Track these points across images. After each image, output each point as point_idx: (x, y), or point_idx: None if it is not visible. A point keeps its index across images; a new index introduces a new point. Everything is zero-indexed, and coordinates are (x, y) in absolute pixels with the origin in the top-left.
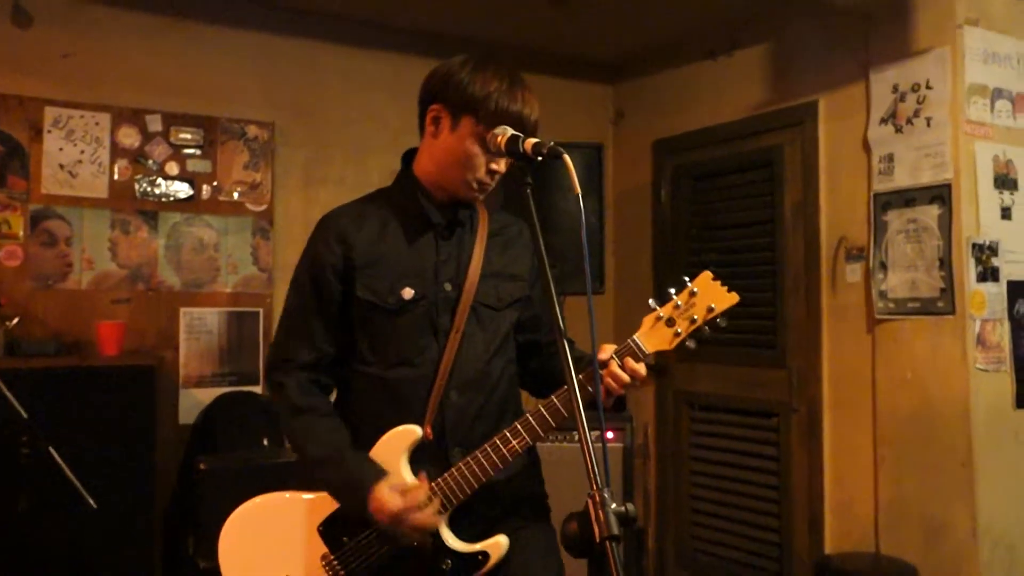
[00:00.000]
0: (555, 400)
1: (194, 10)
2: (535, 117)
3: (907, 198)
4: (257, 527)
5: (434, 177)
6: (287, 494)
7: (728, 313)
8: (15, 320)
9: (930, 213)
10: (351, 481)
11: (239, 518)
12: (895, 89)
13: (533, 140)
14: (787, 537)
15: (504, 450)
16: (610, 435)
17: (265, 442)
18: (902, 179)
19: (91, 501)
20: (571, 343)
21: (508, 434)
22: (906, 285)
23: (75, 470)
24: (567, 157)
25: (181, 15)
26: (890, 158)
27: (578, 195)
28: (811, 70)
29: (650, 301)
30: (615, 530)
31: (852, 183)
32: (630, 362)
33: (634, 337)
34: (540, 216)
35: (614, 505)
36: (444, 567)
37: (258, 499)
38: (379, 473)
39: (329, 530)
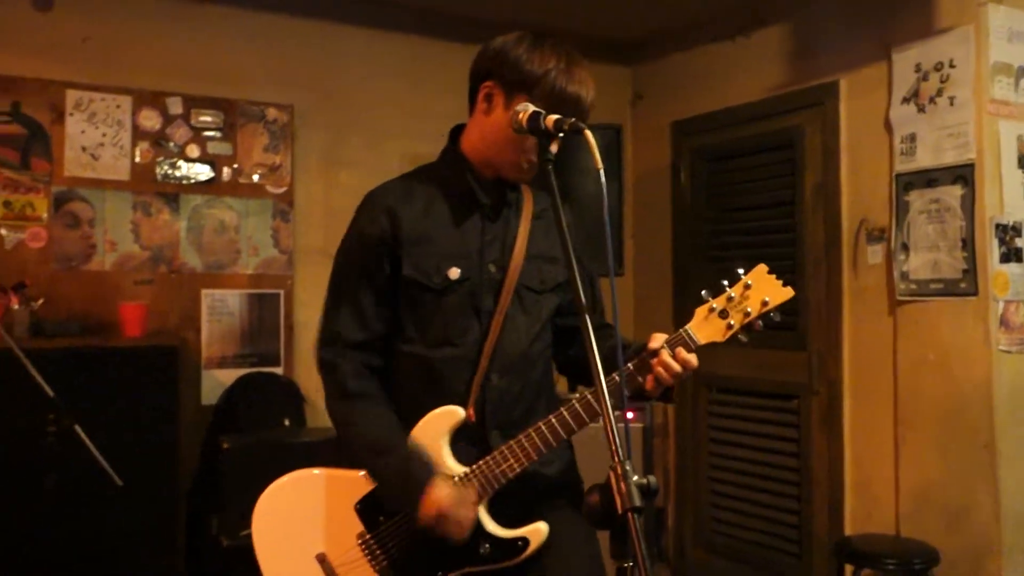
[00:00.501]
0: (614, 381)
1: None
2: (591, 99)
3: (929, 178)
4: (291, 504)
5: (483, 155)
6: (317, 471)
7: (783, 307)
8: (40, 301)
9: (953, 193)
10: (406, 476)
11: (272, 495)
12: (918, 68)
13: (554, 116)
14: (807, 518)
15: (548, 436)
16: (630, 415)
17: (286, 422)
18: (924, 159)
19: (116, 479)
20: (606, 328)
21: (553, 420)
22: (928, 266)
23: (100, 449)
24: (588, 132)
25: None
26: (912, 138)
27: (600, 170)
28: (832, 50)
29: (703, 292)
30: (637, 502)
31: (873, 164)
32: (682, 352)
33: (687, 328)
34: (560, 196)
35: (636, 477)
36: (482, 551)
37: (291, 475)
38: (432, 471)
39: (367, 509)
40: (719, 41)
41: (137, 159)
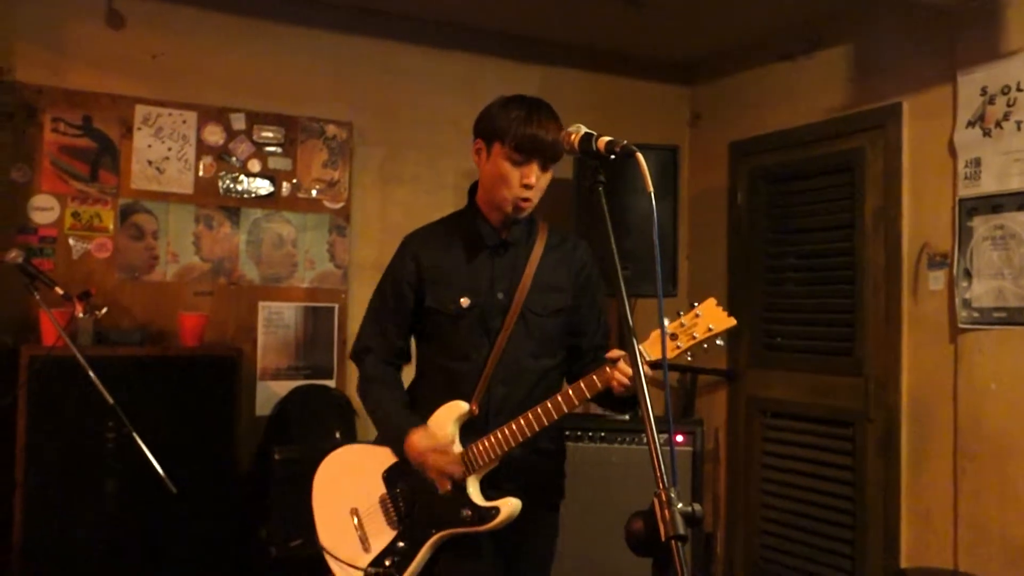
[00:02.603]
0: (578, 385)
1: (277, 11)
2: (551, 138)
3: (994, 204)
4: (341, 467)
5: (487, 200)
6: (361, 445)
7: (725, 334)
8: (104, 310)
9: (1018, 220)
10: (394, 426)
11: (330, 460)
12: (984, 91)
13: (606, 138)
14: (860, 549)
15: (523, 425)
16: (679, 438)
17: (337, 435)
18: (989, 184)
19: (171, 486)
20: (600, 351)
21: (530, 413)
22: (992, 294)
23: (157, 456)
24: (640, 155)
25: (265, 16)
26: (977, 162)
27: (650, 193)
28: (895, 71)
29: (664, 319)
30: (681, 530)
31: (936, 188)
32: (622, 364)
33: (640, 345)
34: (611, 217)
35: (680, 505)
36: (465, 515)
37: (345, 447)
38: (417, 423)
39: (389, 476)
40: (779, 61)
41: (200, 173)
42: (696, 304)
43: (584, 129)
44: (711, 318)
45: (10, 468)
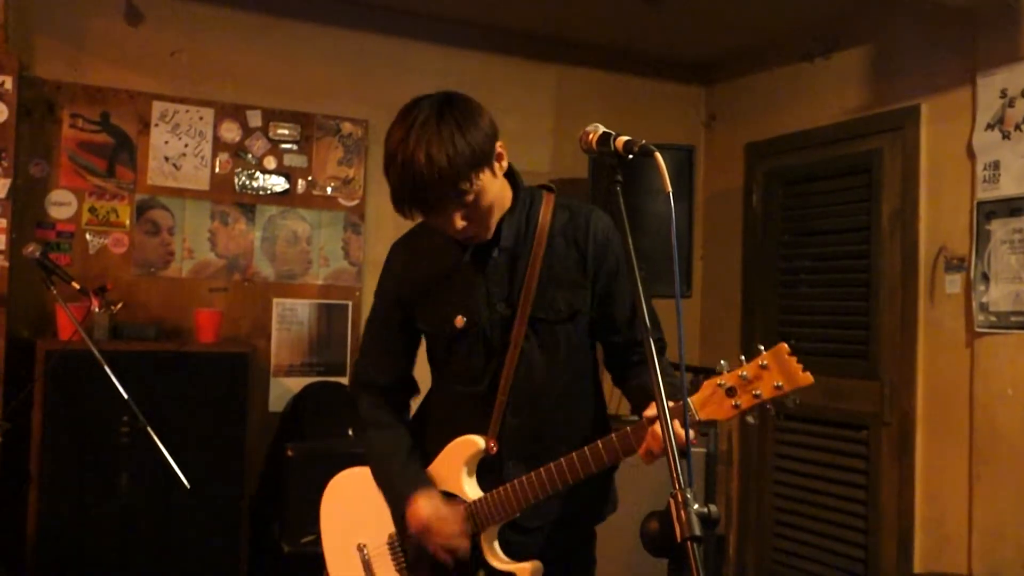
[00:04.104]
0: (611, 440)
1: (294, 9)
2: (420, 180)
3: (1013, 207)
4: (352, 493)
5: None
6: None
7: (798, 394)
8: (119, 305)
9: None
10: (394, 489)
11: (340, 480)
12: (1003, 94)
13: (625, 138)
14: (874, 554)
15: (562, 473)
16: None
17: (350, 432)
18: (1008, 187)
19: (184, 481)
20: (662, 346)
21: (567, 459)
22: (1009, 298)
23: (170, 451)
24: (659, 155)
25: (282, 14)
26: (996, 165)
27: (669, 193)
28: (913, 73)
29: (721, 362)
30: (697, 530)
31: (954, 191)
32: (676, 425)
33: (690, 399)
34: (628, 217)
35: (696, 506)
36: None
37: (356, 469)
38: (416, 487)
39: (398, 515)
40: (797, 62)
41: (216, 170)
42: (763, 349)
43: (602, 129)
44: (780, 372)
45: (25, 461)
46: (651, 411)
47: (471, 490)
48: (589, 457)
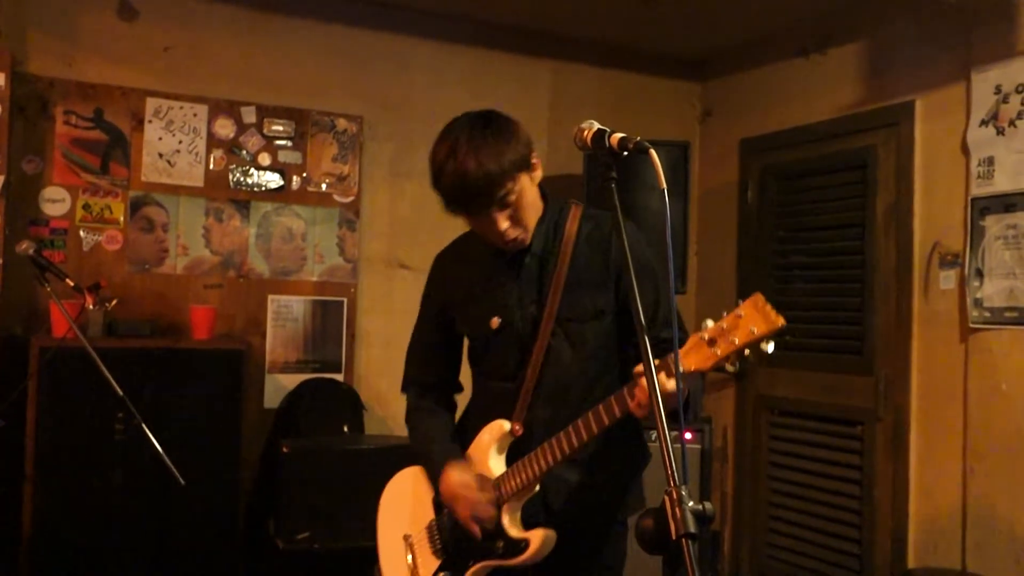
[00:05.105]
0: (609, 401)
1: (288, 5)
2: (468, 181)
3: (1007, 203)
4: (402, 491)
5: None
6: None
7: (773, 337)
8: (114, 302)
9: None
10: (432, 467)
11: (394, 483)
12: (998, 90)
13: (619, 135)
14: (868, 549)
15: (554, 446)
16: (688, 436)
17: (345, 429)
18: (1002, 183)
19: (179, 478)
20: (664, 344)
21: (561, 433)
22: (1003, 294)
23: (165, 448)
24: (653, 152)
25: (276, 10)
26: (990, 161)
27: (663, 190)
28: (908, 69)
29: (706, 321)
30: (692, 528)
31: (948, 186)
32: (662, 377)
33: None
34: (623, 214)
35: (691, 503)
36: (498, 546)
37: (409, 469)
38: (447, 459)
39: (438, 502)
40: (791, 58)
41: (211, 166)
42: (740, 302)
43: (597, 125)
44: (754, 319)
45: (20, 458)
46: (640, 367)
47: (496, 467)
48: (591, 419)
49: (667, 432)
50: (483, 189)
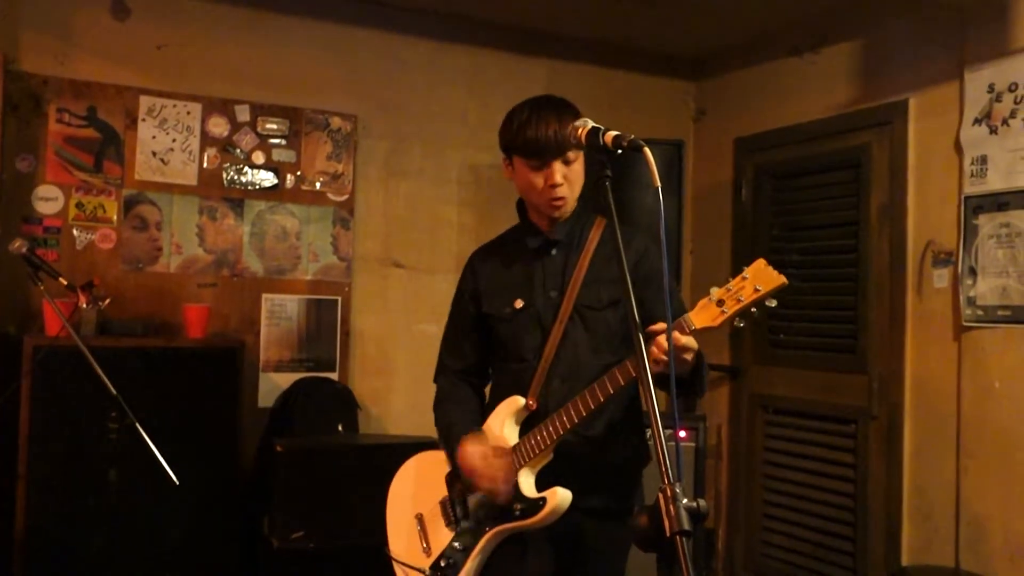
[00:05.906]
0: (614, 371)
1: (282, 3)
2: (556, 133)
3: (1000, 202)
4: (414, 474)
5: (530, 207)
6: (434, 452)
7: (776, 294)
8: (107, 300)
9: None
10: (453, 438)
11: (406, 467)
12: (991, 89)
13: (613, 133)
14: (862, 547)
15: (571, 411)
16: (682, 434)
17: (340, 427)
18: (995, 182)
19: (174, 477)
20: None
21: (577, 398)
22: (996, 292)
23: (159, 447)
24: (647, 150)
25: (270, 8)
26: (983, 160)
27: (657, 188)
28: (902, 68)
29: (712, 289)
30: (686, 525)
31: (942, 185)
32: (676, 334)
33: (686, 315)
34: (617, 211)
35: (685, 500)
36: (515, 508)
37: (421, 454)
38: (466, 432)
39: (450, 479)
40: (786, 57)
41: (205, 165)
42: (745, 267)
43: (591, 123)
44: (759, 279)
45: (12, 458)
46: (655, 328)
47: (512, 437)
48: (605, 382)
49: (661, 429)
50: (559, 141)
